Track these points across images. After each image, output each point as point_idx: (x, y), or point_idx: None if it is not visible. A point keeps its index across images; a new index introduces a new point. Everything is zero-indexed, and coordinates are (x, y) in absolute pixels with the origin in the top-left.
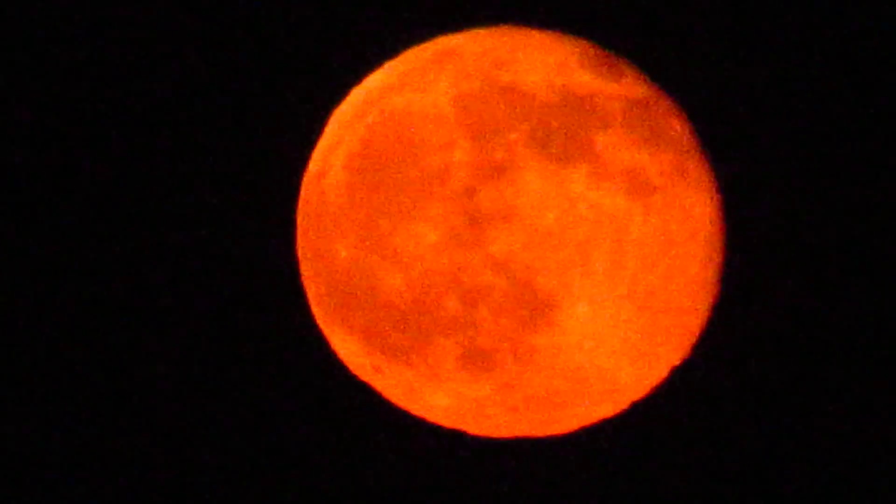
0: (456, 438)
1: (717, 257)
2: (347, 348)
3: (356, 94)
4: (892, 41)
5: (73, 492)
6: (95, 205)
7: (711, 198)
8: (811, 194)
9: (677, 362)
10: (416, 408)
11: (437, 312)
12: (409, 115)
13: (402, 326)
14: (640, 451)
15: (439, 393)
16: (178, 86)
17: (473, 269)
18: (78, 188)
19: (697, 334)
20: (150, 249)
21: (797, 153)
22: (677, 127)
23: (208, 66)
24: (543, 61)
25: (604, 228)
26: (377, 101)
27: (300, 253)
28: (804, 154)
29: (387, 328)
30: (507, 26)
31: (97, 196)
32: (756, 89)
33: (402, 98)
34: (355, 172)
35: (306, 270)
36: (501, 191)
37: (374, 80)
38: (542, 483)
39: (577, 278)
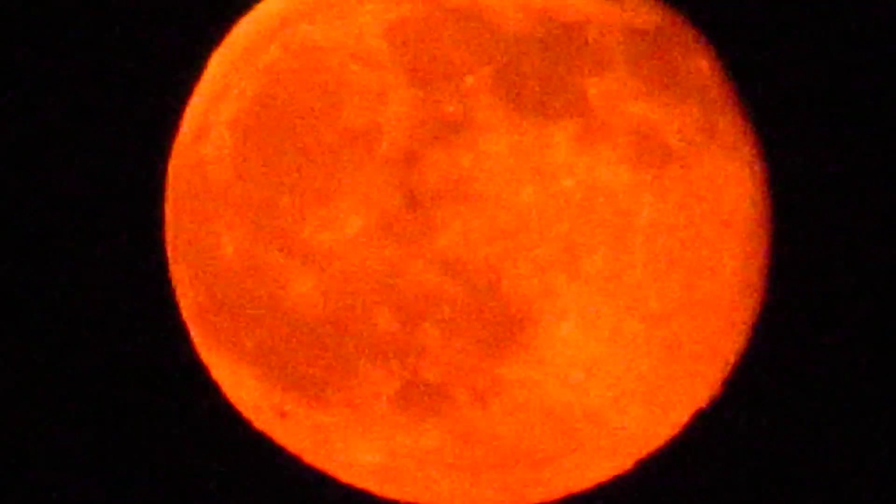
0: None
1: (760, 253)
2: (238, 382)
3: (247, 24)
4: None
5: None
6: None
7: (752, 169)
8: (888, 164)
9: (703, 404)
10: (334, 465)
11: (364, 331)
12: (322, 51)
13: (314, 351)
14: None
15: (367, 445)
16: None
17: (414, 270)
18: None
19: (731, 363)
20: None
21: (869, 106)
22: (703, 68)
23: None
24: None
25: (599, 212)
26: (277, 33)
27: (170, 249)
28: (878, 107)
29: (293, 354)
30: None
31: None
32: (814, 14)
33: (313, 28)
34: (246, 134)
35: (179, 273)
36: (454, 159)
37: (273, 3)
38: None
39: (561, 284)
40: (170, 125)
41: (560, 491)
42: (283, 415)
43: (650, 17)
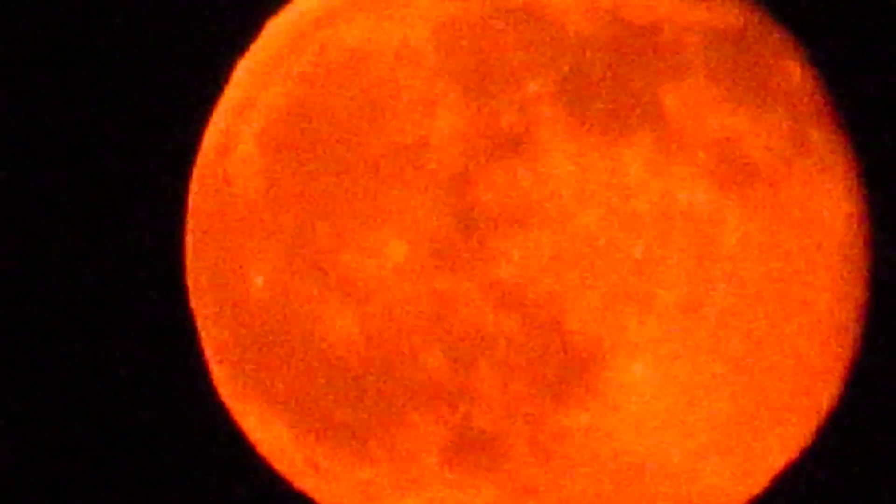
0: None
1: (858, 283)
2: (267, 430)
3: (278, 25)
4: None
5: None
6: None
7: (848, 187)
8: None
9: (792, 456)
10: None
11: (411, 374)
12: (362, 56)
13: (353, 396)
14: None
15: (415, 503)
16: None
17: (467, 303)
18: None
19: (825, 411)
20: None
21: None
22: (793, 74)
23: None
24: None
25: (676, 238)
26: (311, 35)
27: (191, 279)
28: None
29: (329, 399)
30: None
31: None
32: None
33: (352, 29)
34: (277, 149)
35: (202, 307)
36: (512, 178)
37: (307, 1)
38: None
39: (632, 319)
40: (192, 139)
41: None
42: (317, 468)
43: (733, 17)
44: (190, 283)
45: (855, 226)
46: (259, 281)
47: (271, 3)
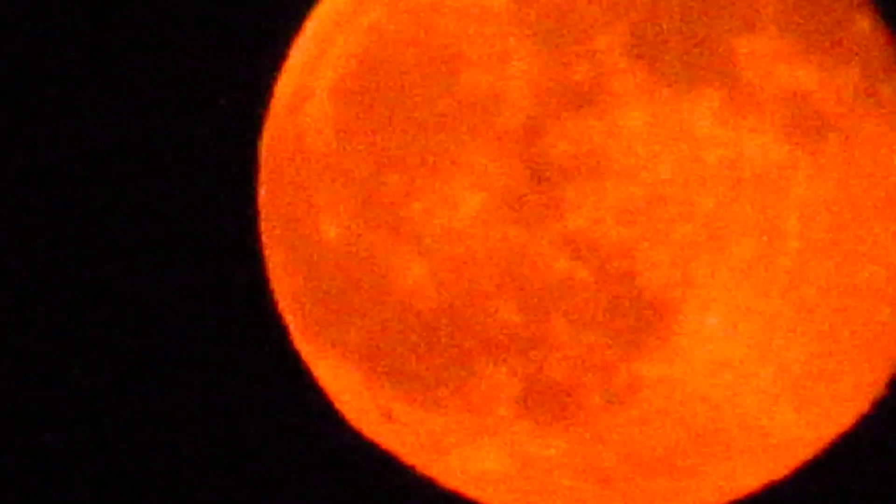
0: None
1: None
2: (340, 380)
3: None
4: None
5: None
6: None
7: None
8: None
9: (866, 405)
10: (447, 474)
11: (483, 324)
12: (433, 8)
13: (426, 346)
14: None
15: (485, 452)
16: None
17: (539, 254)
18: None
19: None
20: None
21: None
22: (864, 28)
23: None
24: None
25: (748, 190)
26: None
27: (264, 231)
28: None
29: (402, 349)
30: None
31: None
32: None
33: None
34: (349, 102)
35: (274, 258)
36: (584, 130)
37: None
38: None
39: (704, 270)
40: (263, 93)
41: None
42: (390, 417)
43: None
44: (263, 234)
45: None
46: (331, 231)
47: None
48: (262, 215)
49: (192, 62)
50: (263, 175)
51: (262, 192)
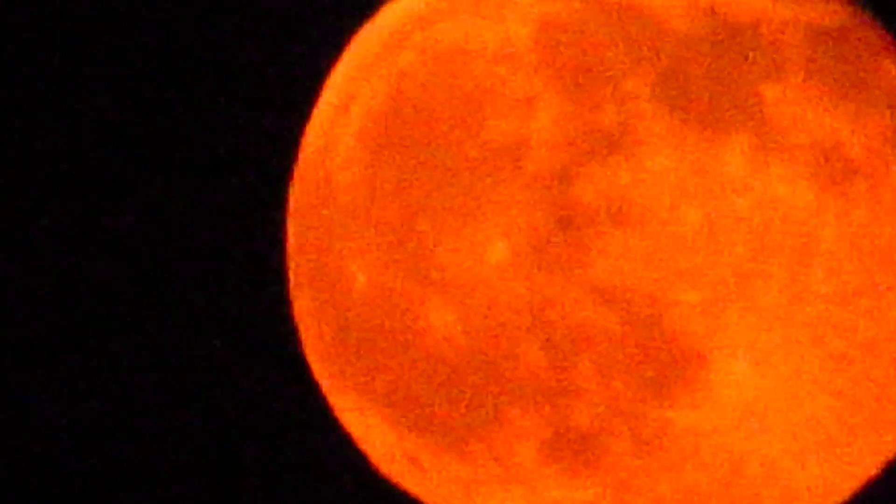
0: None
1: None
2: (367, 426)
3: (378, 23)
4: None
5: None
6: None
7: None
8: None
9: (892, 455)
10: None
11: (510, 371)
12: (462, 53)
13: (453, 393)
14: None
15: (513, 498)
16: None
17: (567, 300)
18: None
19: None
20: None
21: None
22: (893, 72)
23: None
24: None
25: (776, 236)
26: (411, 33)
27: (292, 276)
28: None
29: (429, 395)
30: None
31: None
32: None
33: (453, 27)
34: (378, 147)
35: (302, 304)
36: (612, 175)
37: (407, 1)
38: None
39: (732, 316)
40: (292, 138)
41: None
42: (417, 464)
43: (833, 15)
44: (290, 279)
45: None
46: (360, 277)
47: (369, 3)
48: (291, 261)
49: (222, 109)
50: (292, 220)
51: (291, 238)
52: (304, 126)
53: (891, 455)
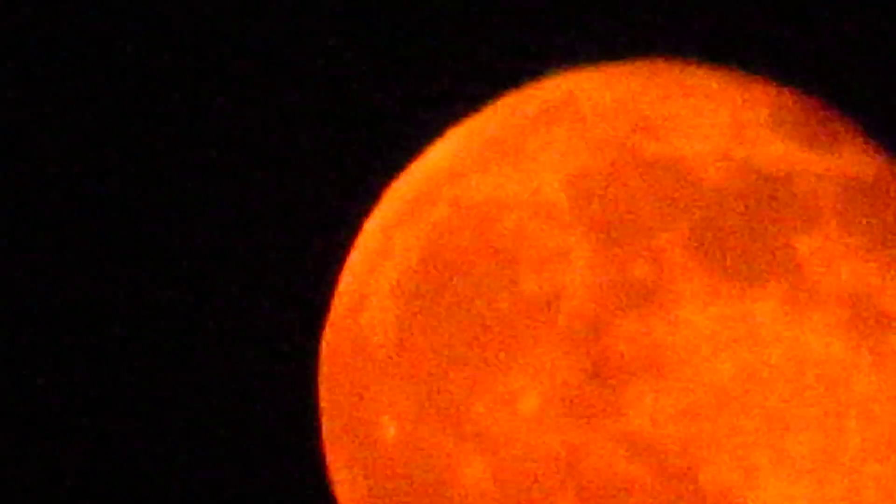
0: None
1: None
2: None
3: (410, 176)
4: None
5: None
6: None
7: None
8: None
9: None
10: None
11: None
12: (495, 206)
13: None
14: None
15: None
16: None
17: (600, 453)
18: None
19: None
20: None
21: None
22: None
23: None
24: (713, 120)
25: (809, 388)
26: (444, 186)
27: (325, 430)
28: None
29: None
30: (654, 60)
31: None
32: None
33: (487, 180)
34: (411, 300)
35: (336, 457)
36: (645, 328)
37: (442, 153)
38: None
39: (768, 471)
40: (325, 291)
41: None
42: None
43: (866, 166)
44: (324, 433)
45: None
46: (392, 430)
47: (409, 149)
48: (323, 413)
49: (255, 262)
50: (324, 373)
51: (323, 390)
52: (337, 280)
53: None
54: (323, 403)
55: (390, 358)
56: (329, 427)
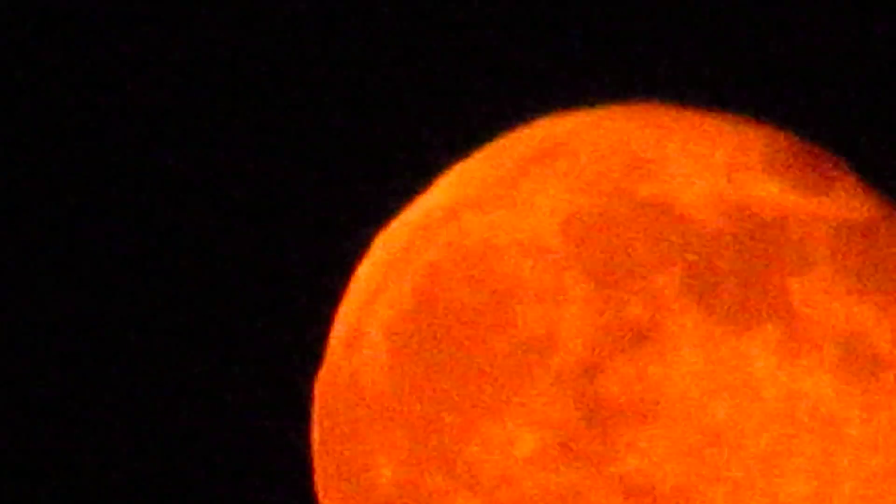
0: None
1: None
2: None
3: (408, 217)
4: None
5: None
6: None
7: None
8: None
9: None
10: None
11: None
12: (490, 247)
13: None
14: None
15: None
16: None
17: (595, 496)
18: None
19: None
20: None
21: None
22: None
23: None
24: (707, 163)
25: (803, 429)
26: (439, 227)
27: (319, 472)
28: None
29: None
30: (648, 102)
31: None
32: None
33: (482, 221)
34: (405, 342)
35: (329, 500)
36: (640, 370)
37: (438, 194)
38: None
39: None
40: (319, 332)
41: None
42: None
43: (859, 210)
44: (317, 478)
45: None
46: (386, 473)
47: (406, 189)
48: (317, 456)
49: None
50: (318, 415)
51: (317, 433)
52: (332, 322)
53: None
54: (316, 446)
55: (384, 400)
56: (322, 469)
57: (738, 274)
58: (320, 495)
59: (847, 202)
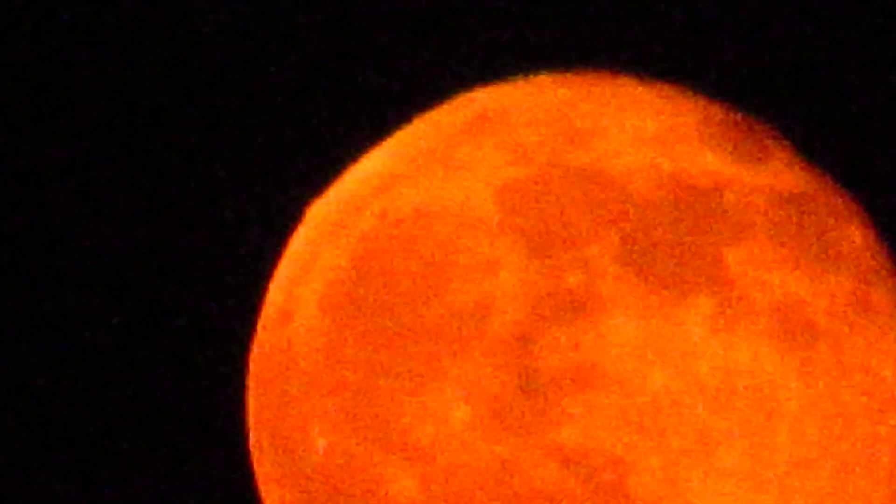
0: None
1: None
2: None
3: (341, 187)
4: None
5: None
6: None
7: None
8: None
9: None
10: None
11: None
12: (425, 217)
13: None
14: None
15: None
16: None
17: (530, 465)
18: None
19: None
20: None
21: None
22: (855, 237)
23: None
24: (643, 132)
25: (738, 399)
26: (373, 198)
27: (253, 443)
28: None
29: None
30: (584, 72)
31: None
32: None
33: (416, 191)
34: (339, 312)
35: (263, 470)
36: (575, 339)
37: (370, 165)
38: None
39: (696, 480)
40: (252, 303)
41: None
42: None
43: (795, 181)
44: (251, 446)
45: None
46: (321, 442)
47: (339, 158)
48: (251, 427)
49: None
50: (252, 386)
51: (251, 404)
52: (265, 292)
53: None
54: (251, 417)
55: (318, 370)
56: (257, 439)
57: (674, 243)
58: (255, 465)
59: (783, 173)
